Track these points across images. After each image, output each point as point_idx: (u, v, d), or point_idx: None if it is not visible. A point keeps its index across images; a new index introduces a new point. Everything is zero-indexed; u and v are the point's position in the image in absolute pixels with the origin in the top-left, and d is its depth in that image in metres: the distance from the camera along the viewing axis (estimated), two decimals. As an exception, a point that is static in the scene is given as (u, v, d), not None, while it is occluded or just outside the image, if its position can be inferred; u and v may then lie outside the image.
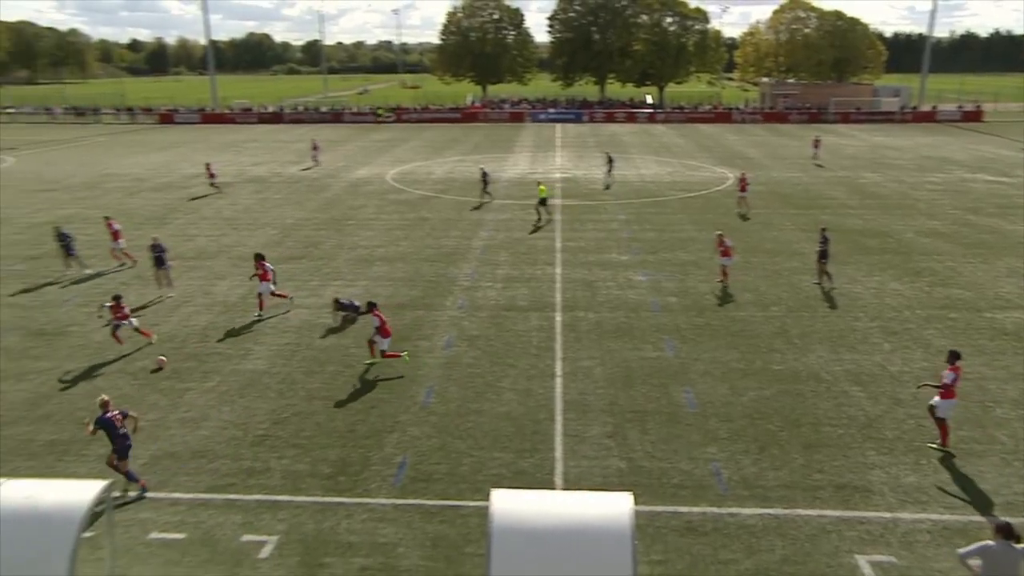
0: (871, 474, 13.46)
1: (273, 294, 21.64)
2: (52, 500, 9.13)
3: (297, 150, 58.94)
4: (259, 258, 21.67)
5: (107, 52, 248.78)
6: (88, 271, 25.68)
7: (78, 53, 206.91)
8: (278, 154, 56.74)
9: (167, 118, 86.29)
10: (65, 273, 25.46)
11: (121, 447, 13.00)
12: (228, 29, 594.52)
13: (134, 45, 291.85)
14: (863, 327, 20.34)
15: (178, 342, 19.67)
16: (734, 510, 12.45)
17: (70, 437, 15.00)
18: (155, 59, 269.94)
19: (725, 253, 23.61)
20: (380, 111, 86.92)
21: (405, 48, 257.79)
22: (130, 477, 13.08)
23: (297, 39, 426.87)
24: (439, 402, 16.24)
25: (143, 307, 22.19)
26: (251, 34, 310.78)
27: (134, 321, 19.28)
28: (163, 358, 18.39)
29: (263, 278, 21.33)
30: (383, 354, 17.88)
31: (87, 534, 10.03)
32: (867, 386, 16.84)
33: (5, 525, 8.83)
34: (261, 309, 21.51)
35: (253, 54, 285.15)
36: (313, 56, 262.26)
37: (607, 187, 41.40)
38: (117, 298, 19.18)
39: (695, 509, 12.48)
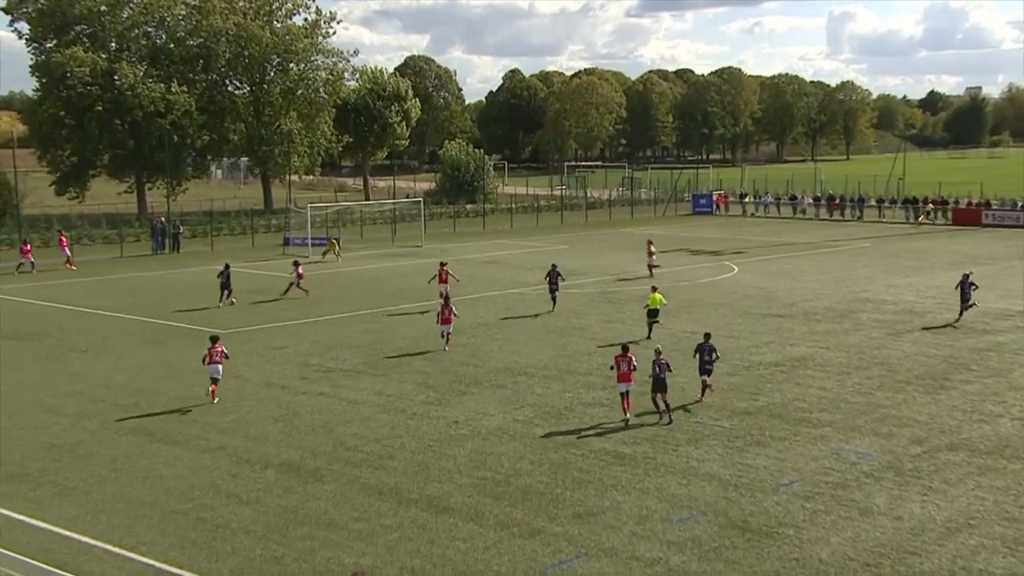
0: None
1: None
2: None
3: None
4: None
5: (888, 110, 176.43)
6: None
7: (846, 115, 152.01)
8: None
9: (969, 216, 55.77)
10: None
11: None
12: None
13: (929, 99, 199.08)
14: None
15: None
16: None
17: None
18: (961, 119, 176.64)
19: None
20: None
21: None
22: None
23: None
24: None
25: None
26: None
27: None
28: None
29: None
30: None
31: None
32: None
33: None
34: None
35: None
36: None
37: None
38: None
39: None
